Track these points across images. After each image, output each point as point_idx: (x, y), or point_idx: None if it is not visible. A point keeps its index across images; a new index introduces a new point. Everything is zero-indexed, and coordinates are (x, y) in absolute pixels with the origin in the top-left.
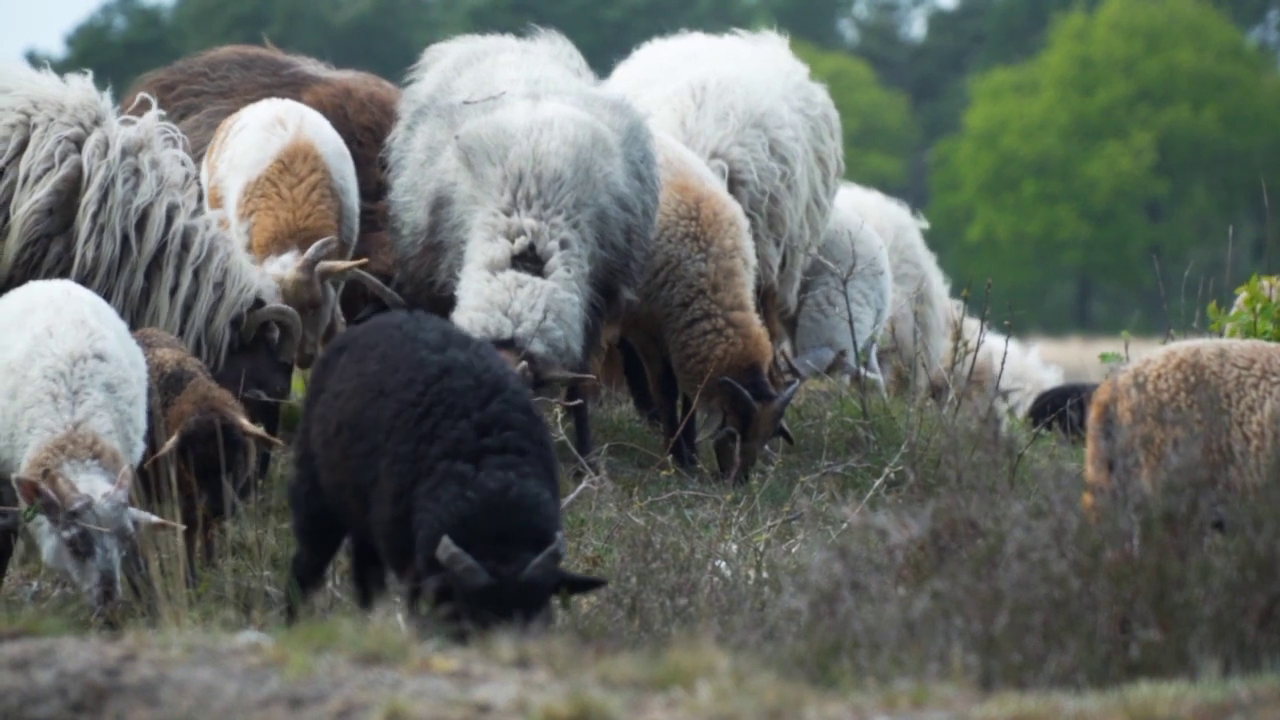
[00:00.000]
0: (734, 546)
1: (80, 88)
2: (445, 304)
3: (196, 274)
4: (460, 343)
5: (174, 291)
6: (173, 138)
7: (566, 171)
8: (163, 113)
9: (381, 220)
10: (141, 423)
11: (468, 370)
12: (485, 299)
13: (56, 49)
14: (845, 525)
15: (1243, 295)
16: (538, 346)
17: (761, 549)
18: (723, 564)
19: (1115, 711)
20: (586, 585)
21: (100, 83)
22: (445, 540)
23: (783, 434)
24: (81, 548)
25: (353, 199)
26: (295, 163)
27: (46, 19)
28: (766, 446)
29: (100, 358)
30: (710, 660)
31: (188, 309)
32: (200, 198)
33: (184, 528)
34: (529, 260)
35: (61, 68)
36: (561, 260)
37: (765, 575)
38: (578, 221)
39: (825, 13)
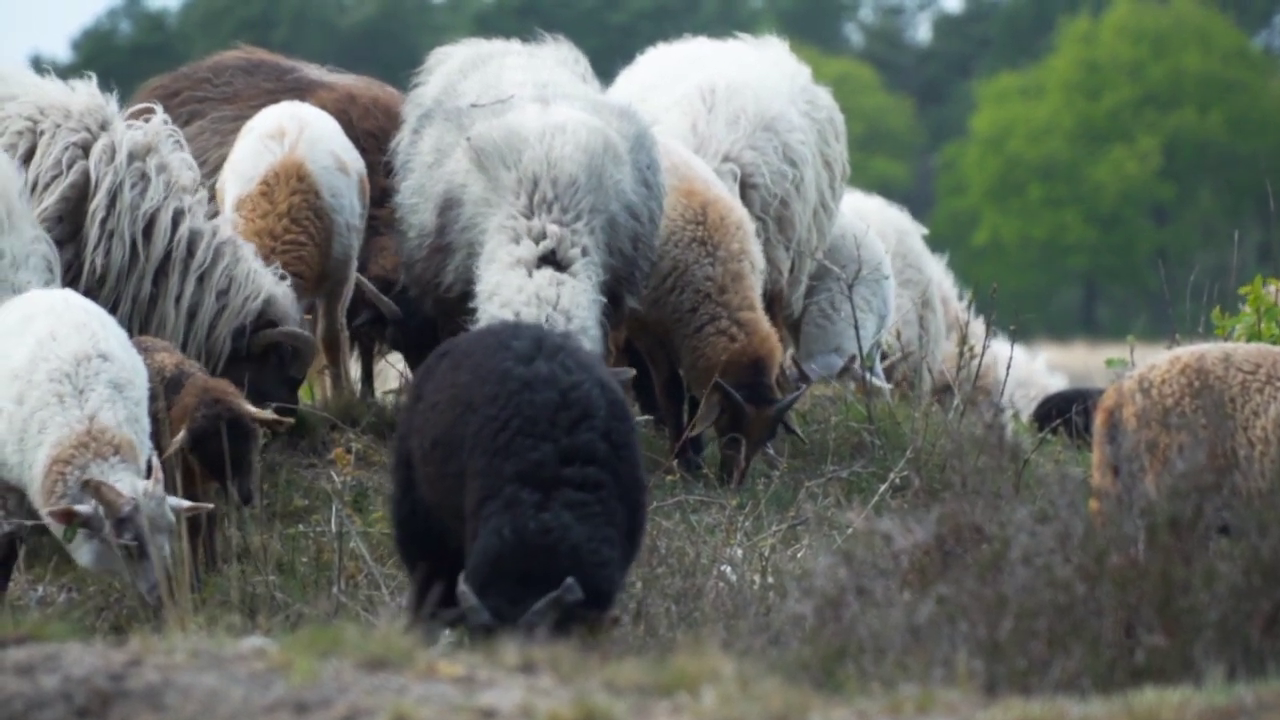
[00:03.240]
0: (739, 551)
1: (86, 93)
2: (451, 305)
3: (200, 281)
4: (549, 352)
5: (179, 299)
6: (179, 141)
7: (580, 177)
8: (166, 118)
9: (384, 226)
10: (147, 424)
11: (551, 384)
12: (531, 294)
13: (62, 53)
14: (850, 530)
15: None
16: (587, 345)
17: (767, 554)
18: (728, 569)
19: (1120, 717)
20: (601, 624)
21: (105, 87)
22: (461, 575)
23: (791, 432)
24: (136, 550)
25: (348, 214)
26: (277, 187)
27: (51, 23)
28: (771, 451)
29: (104, 357)
30: (715, 665)
31: (191, 317)
32: (210, 201)
33: (210, 507)
34: (551, 265)
35: (67, 72)
36: (583, 267)
37: (770, 580)
38: (593, 228)
39: (831, 17)
